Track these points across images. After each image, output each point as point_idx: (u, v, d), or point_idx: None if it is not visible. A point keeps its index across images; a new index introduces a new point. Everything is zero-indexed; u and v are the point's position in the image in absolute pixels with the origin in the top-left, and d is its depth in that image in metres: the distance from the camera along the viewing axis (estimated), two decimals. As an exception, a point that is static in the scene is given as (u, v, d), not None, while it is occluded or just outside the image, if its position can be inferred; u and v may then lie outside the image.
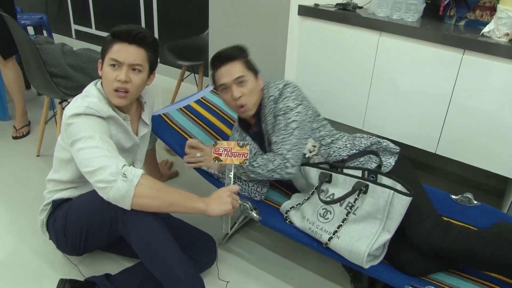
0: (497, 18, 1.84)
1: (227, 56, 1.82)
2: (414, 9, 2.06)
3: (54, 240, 1.81)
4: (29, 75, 2.59)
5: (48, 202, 1.79)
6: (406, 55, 2.02)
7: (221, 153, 1.68)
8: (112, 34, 1.64)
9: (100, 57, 1.71)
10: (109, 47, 1.64)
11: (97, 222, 1.63)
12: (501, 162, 1.96)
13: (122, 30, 1.62)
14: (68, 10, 4.87)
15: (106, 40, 1.67)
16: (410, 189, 1.59)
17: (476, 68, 1.87)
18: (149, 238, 1.56)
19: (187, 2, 3.79)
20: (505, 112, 1.87)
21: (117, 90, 1.65)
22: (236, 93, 1.80)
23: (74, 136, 1.55)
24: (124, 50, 1.63)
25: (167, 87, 3.92)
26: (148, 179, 1.52)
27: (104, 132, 1.59)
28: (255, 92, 1.85)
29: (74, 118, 1.57)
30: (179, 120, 2.22)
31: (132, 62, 1.64)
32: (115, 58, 1.62)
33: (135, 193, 1.48)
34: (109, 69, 1.64)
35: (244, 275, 1.93)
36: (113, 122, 1.69)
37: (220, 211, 1.59)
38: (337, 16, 2.16)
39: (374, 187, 1.62)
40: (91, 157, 1.50)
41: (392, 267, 1.68)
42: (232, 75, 1.80)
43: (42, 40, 2.57)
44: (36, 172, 2.56)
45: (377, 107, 2.19)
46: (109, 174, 1.46)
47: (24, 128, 2.99)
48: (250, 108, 1.84)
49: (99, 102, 1.63)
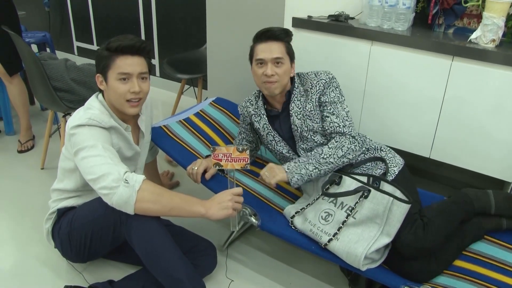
0: (483, 25, 1.90)
1: (273, 34, 1.88)
2: (404, 19, 2.12)
3: (59, 248, 1.86)
4: (34, 90, 2.66)
5: (53, 211, 1.84)
6: (397, 63, 2.08)
7: (221, 158, 1.70)
8: (113, 49, 1.68)
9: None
10: (111, 62, 1.69)
11: (102, 227, 1.68)
12: (494, 164, 2.00)
13: (126, 45, 1.67)
14: (71, 28, 4.97)
15: (103, 56, 1.71)
16: (409, 196, 1.64)
17: (465, 73, 1.93)
18: (152, 241, 1.61)
19: (186, 17, 3.87)
20: (495, 115, 1.92)
21: (129, 100, 1.72)
22: (270, 71, 1.85)
23: (78, 145, 1.61)
24: (130, 62, 1.69)
25: (167, 101, 3.98)
26: (149, 184, 1.58)
27: (106, 141, 1.65)
28: (286, 75, 1.91)
29: (77, 129, 1.63)
30: (179, 132, 2.28)
31: (141, 71, 1.71)
32: (125, 71, 1.68)
33: (137, 198, 1.54)
34: (118, 83, 1.69)
35: (243, 280, 1.96)
36: (115, 132, 1.75)
37: (221, 215, 1.63)
38: (330, 27, 2.23)
39: (375, 193, 1.67)
40: (94, 165, 1.56)
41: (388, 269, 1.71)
42: (272, 53, 1.86)
43: (46, 56, 2.64)
44: (40, 184, 2.62)
45: (371, 114, 2.25)
46: (112, 180, 1.52)
47: (29, 142, 3.05)
48: (276, 87, 1.89)
49: (100, 114, 1.69)
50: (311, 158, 1.80)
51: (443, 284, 1.65)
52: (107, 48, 1.69)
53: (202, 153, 2.20)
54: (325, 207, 1.76)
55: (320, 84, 1.90)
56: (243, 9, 2.41)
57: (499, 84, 1.87)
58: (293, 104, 1.94)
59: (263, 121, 2.01)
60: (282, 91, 1.93)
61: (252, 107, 2.06)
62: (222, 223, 2.30)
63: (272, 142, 2.01)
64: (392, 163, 1.88)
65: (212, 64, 2.71)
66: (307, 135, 1.91)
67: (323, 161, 1.78)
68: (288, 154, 1.98)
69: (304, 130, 1.91)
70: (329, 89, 1.91)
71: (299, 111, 1.92)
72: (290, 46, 1.95)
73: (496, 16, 1.86)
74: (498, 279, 1.67)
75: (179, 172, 2.75)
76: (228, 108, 2.50)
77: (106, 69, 1.70)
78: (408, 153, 2.20)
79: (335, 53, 2.26)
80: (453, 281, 1.67)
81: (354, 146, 1.81)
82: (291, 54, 1.94)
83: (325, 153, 1.80)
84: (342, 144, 1.81)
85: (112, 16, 4.48)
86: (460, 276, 1.70)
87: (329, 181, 1.79)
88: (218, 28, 2.57)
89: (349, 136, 1.83)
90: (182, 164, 2.07)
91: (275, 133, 2.00)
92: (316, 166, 1.78)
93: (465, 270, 1.73)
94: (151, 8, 4.07)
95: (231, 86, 2.64)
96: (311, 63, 2.34)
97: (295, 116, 1.93)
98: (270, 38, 1.88)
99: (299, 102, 1.93)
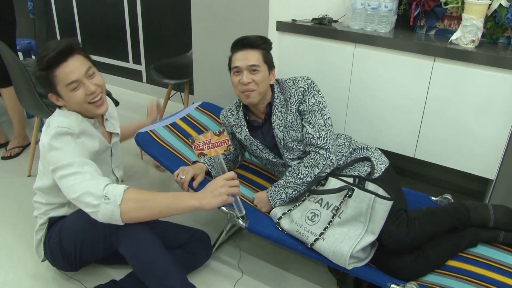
0: (463, 26, 1.94)
1: (248, 42, 1.88)
2: (386, 21, 2.16)
3: (49, 257, 1.84)
4: (20, 97, 2.65)
5: (44, 221, 1.82)
6: (381, 65, 2.11)
7: (202, 148, 1.66)
8: (46, 67, 1.61)
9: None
10: (52, 78, 1.63)
11: (92, 237, 1.68)
12: (477, 163, 2.04)
13: (54, 56, 1.60)
14: (56, 35, 4.94)
15: (41, 76, 1.64)
16: (391, 193, 1.66)
17: (446, 73, 1.97)
18: (142, 250, 1.60)
19: (172, 23, 3.88)
20: (477, 114, 1.96)
21: (91, 102, 1.69)
22: (245, 79, 1.85)
23: (55, 164, 1.58)
24: (69, 69, 1.63)
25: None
26: (132, 193, 1.55)
27: (81, 154, 1.61)
28: (264, 83, 1.90)
29: (50, 146, 1.59)
30: (165, 137, 2.28)
31: (85, 72, 1.67)
32: (70, 80, 1.62)
33: (121, 210, 1.51)
34: (73, 93, 1.64)
35: (232, 282, 1.97)
36: (85, 134, 1.71)
37: (216, 203, 1.57)
38: (313, 30, 2.26)
39: (358, 192, 1.68)
40: (74, 183, 1.54)
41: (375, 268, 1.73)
42: (248, 61, 1.86)
43: (31, 63, 2.64)
44: (27, 192, 2.59)
45: (355, 115, 2.28)
46: (93, 199, 1.51)
47: (15, 149, 3.04)
48: (254, 95, 1.89)
49: (65, 119, 1.66)
50: (290, 180, 1.88)
51: (432, 282, 1.66)
52: (40, 69, 1.62)
53: (189, 157, 2.21)
54: (311, 208, 1.77)
55: (299, 93, 1.89)
56: (228, 14, 2.43)
57: (480, 83, 1.91)
58: (275, 116, 1.94)
59: (244, 132, 2.01)
60: (261, 99, 1.92)
61: (233, 118, 2.06)
62: (210, 226, 2.31)
63: (257, 151, 2.02)
64: (378, 161, 1.91)
65: (198, 69, 2.72)
66: (292, 145, 1.92)
67: (300, 182, 1.86)
68: (274, 159, 2.00)
69: (288, 141, 1.92)
70: (309, 95, 1.89)
71: (280, 123, 1.93)
72: (268, 54, 1.93)
73: (475, 17, 1.91)
74: (492, 278, 1.67)
75: (167, 177, 2.75)
76: (214, 112, 2.51)
77: (53, 86, 1.64)
78: (393, 153, 2.23)
79: (319, 56, 2.28)
80: (442, 279, 1.68)
81: (330, 161, 1.85)
82: (269, 62, 1.92)
83: (302, 173, 1.86)
84: (317, 162, 1.84)
85: (98, 23, 4.48)
86: (450, 275, 1.71)
87: (315, 182, 1.80)
88: (204, 33, 2.59)
89: (323, 151, 1.85)
90: (170, 169, 2.07)
91: (258, 142, 2.00)
92: (294, 188, 1.87)
93: (456, 269, 1.74)
94: (137, 14, 4.07)
95: (218, 90, 2.65)
96: (296, 66, 2.36)
97: (277, 128, 1.93)
98: (246, 46, 1.88)
99: (280, 114, 1.93)
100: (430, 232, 1.72)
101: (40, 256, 1.88)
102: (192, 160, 2.17)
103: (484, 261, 1.77)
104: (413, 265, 1.68)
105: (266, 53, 1.92)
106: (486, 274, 1.70)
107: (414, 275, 1.69)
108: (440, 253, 1.76)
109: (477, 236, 1.82)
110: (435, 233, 1.74)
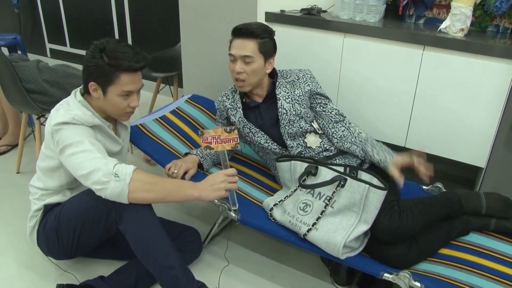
0: (452, 14, 1.95)
1: (246, 31, 1.88)
2: (375, 10, 2.15)
3: (44, 245, 1.82)
4: (6, 93, 2.61)
5: (38, 207, 1.81)
6: (370, 54, 2.11)
7: (210, 141, 1.70)
8: (123, 69, 1.64)
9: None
10: (116, 79, 1.65)
11: (93, 218, 1.67)
12: (467, 151, 2.05)
13: (135, 66, 1.66)
14: (42, 30, 4.89)
15: (106, 70, 1.64)
16: (385, 183, 1.66)
17: (436, 62, 1.97)
18: (143, 228, 1.62)
19: (159, 16, 3.85)
20: (466, 102, 1.97)
21: (127, 112, 1.75)
22: (238, 68, 1.88)
23: (63, 142, 1.60)
24: (133, 80, 1.69)
25: (143, 100, 3.85)
26: (140, 174, 1.59)
27: (91, 136, 1.65)
28: (257, 74, 1.91)
29: (61, 126, 1.61)
30: (155, 130, 2.26)
31: (140, 87, 1.75)
32: (129, 90, 1.68)
33: (130, 189, 1.55)
34: (120, 99, 1.69)
35: (225, 275, 1.97)
36: (98, 129, 1.74)
37: (214, 196, 1.64)
38: (302, 20, 2.25)
39: (351, 182, 1.68)
40: (83, 160, 1.56)
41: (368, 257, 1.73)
42: (242, 51, 1.87)
43: (17, 58, 2.59)
44: (16, 189, 2.57)
45: (346, 105, 2.27)
46: (102, 175, 1.53)
47: (2, 147, 3.00)
48: (246, 85, 1.92)
49: (82, 115, 1.67)
50: (376, 146, 1.89)
51: (425, 270, 1.67)
52: (113, 65, 1.63)
53: (180, 150, 2.20)
54: (303, 198, 1.77)
55: (307, 77, 1.97)
56: (216, 6, 2.41)
57: (469, 72, 1.91)
58: (279, 89, 1.97)
59: (238, 114, 2.02)
60: (254, 88, 1.95)
61: (229, 101, 2.06)
62: (202, 218, 2.30)
63: (249, 134, 2.01)
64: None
65: (186, 61, 2.70)
66: (294, 119, 1.94)
67: (376, 141, 1.92)
68: (266, 144, 1.99)
69: (292, 114, 1.93)
70: (316, 84, 1.99)
71: (287, 95, 1.95)
72: (267, 43, 1.91)
73: (463, 6, 1.91)
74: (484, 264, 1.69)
75: (158, 171, 2.74)
76: (204, 105, 2.50)
77: (108, 83, 1.66)
78: (384, 143, 2.23)
79: (308, 46, 2.28)
80: (435, 267, 1.69)
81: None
82: (266, 52, 1.91)
83: (367, 136, 1.93)
84: (355, 125, 1.97)
85: (85, 17, 4.43)
86: (443, 262, 1.72)
87: (305, 173, 1.80)
88: (192, 25, 2.56)
89: (347, 120, 1.98)
90: (160, 163, 2.06)
91: (251, 125, 2.00)
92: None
93: (448, 257, 1.75)
94: (124, 7, 4.03)
95: (207, 83, 2.64)
96: (285, 57, 2.35)
97: (284, 100, 1.94)
98: (244, 35, 1.88)
99: (285, 88, 1.97)
100: (423, 222, 1.73)
101: (34, 242, 1.87)
102: (183, 152, 2.16)
103: (475, 248, 1.78)
104: (405, 254, 1.69)
105: (264, 42, 1.90)
106: (477, 261, 1.71)
107: (407, 264, 1.70)
108: (433, 241, 1.77)
109: (469, 224, 1.84)
110: (427, 222, 1.75)
